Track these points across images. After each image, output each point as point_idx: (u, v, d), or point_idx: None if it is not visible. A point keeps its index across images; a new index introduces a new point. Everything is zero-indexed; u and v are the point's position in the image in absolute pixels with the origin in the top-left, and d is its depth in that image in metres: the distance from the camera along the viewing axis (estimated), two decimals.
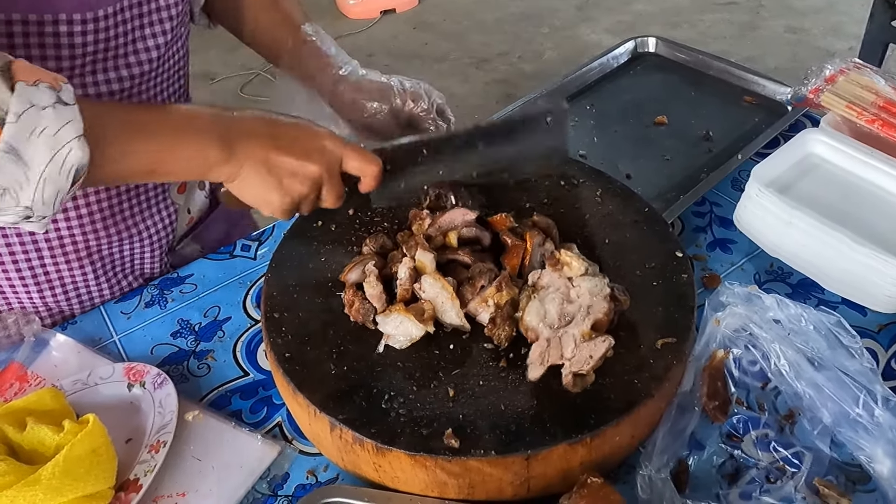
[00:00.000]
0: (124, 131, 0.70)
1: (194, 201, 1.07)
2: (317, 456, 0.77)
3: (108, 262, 0.98)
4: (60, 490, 0.67)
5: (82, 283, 0.97)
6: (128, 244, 0.98)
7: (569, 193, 0.92)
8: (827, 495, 0.71)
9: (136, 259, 1.01)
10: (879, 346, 0.84)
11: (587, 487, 0.64)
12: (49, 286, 0.94)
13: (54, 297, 0.96)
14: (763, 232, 0.92)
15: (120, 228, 0.95)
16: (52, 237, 0.91)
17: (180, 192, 1.02)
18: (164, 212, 1.00)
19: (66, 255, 0.93)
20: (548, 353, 0.70)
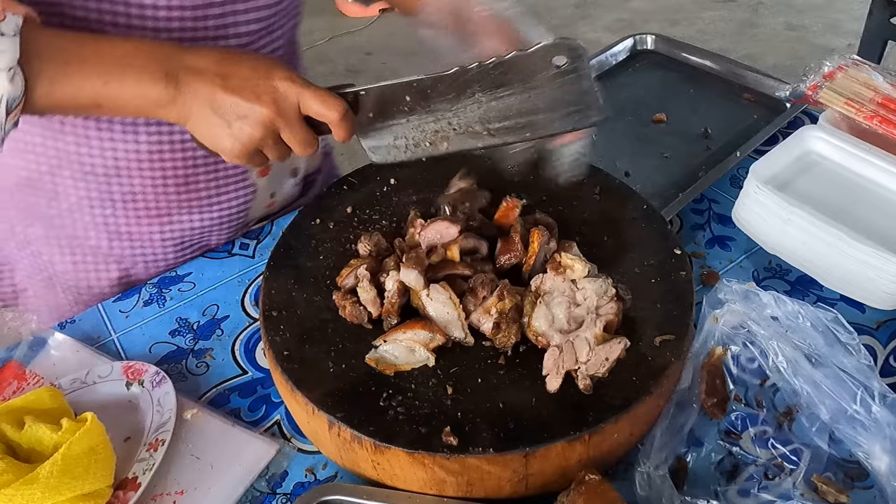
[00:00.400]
0: (65, 64, 0.69)
1: (280, 186, 1.06)
2: (315, 454, 0.77)
3: (177, 229, 0.99)
4: (59, 488, 0.67)
5: (148, 243, 0.98)
6: (198, 215, 0.98)
7: (567, 191, 0.92)
8: (825, 492, 0.71)
9: (205, 232, 1.01)
10: (878, 342, 0.84)
11: (585, 484, 0.64)
12: (118, 238, 0.96)
13: (121, 249, 0.98)
14: (761, 229, 0.92)
15: (192, 197, 0.96)
16: (125, 192, 0.93)
17: (261, 175, 1.01)
18: (240, 191, 0.99)
19: (136, 210, 0.95)
20: (562, 359, 0.70)
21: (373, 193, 0.94)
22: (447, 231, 0.79)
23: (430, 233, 0.80)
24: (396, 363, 0.73)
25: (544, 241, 0.80)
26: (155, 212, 0.96)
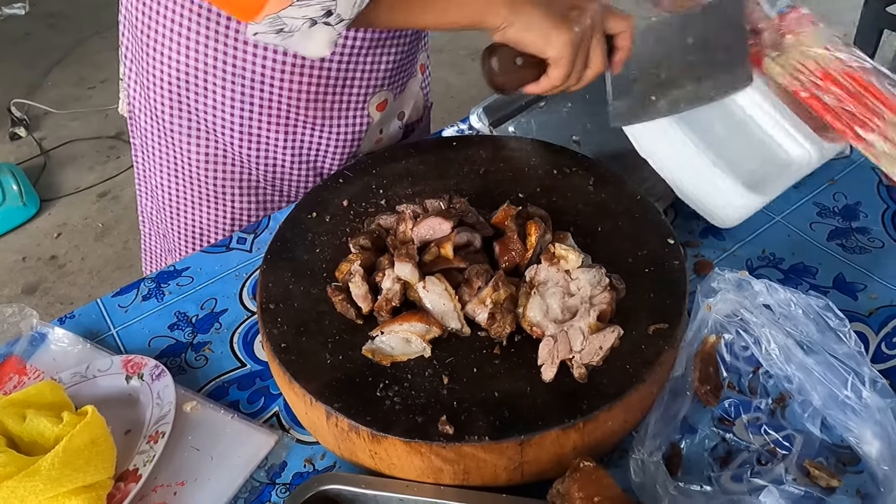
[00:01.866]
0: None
1: (389, 126, 1.14)
2: (314, 444, 0.78)
3: (298, 141, 1.06)
4: (60, 480, 0.68)
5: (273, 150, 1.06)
6: (318, 131, 1.05)
7: (561, 183, 0.93)
8: (817, 476, 0.72)
9: (321, 150, 1.08)
10: (870, 329, 0.85)
11: (580, 471, 0.65)
12: (248, 139, 1.04)
13: (248, 150, 1.05)
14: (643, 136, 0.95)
15: (317, 114, 1.03)
16: (264, 98, 1.00)
17: (378, 109, 1.08)
18: (357, 119, 1.06)
19: (269, 117, 1.02)
20: (556, 349, 0.71)
21: (368, 186, 0.95)
22: (440, 227, 0.80)
23: (423, 229, 0.81)
24: (393, 354, 0.74)
25: (541, 233, 0.81)
26: (284, 121, 1.03)
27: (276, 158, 1.07)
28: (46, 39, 4.01)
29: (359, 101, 1.05)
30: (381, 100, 1.07)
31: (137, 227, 1.29)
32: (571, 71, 0.78)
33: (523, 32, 0.76)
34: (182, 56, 0.97)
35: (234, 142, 1.05)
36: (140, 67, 1.04)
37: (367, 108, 1.06)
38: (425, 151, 1.00)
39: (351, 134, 1.07)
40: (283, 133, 1.04)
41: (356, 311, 0.77)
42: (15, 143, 3.28)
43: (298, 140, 1.06)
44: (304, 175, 1.11)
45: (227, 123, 1.03)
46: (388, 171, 0.97)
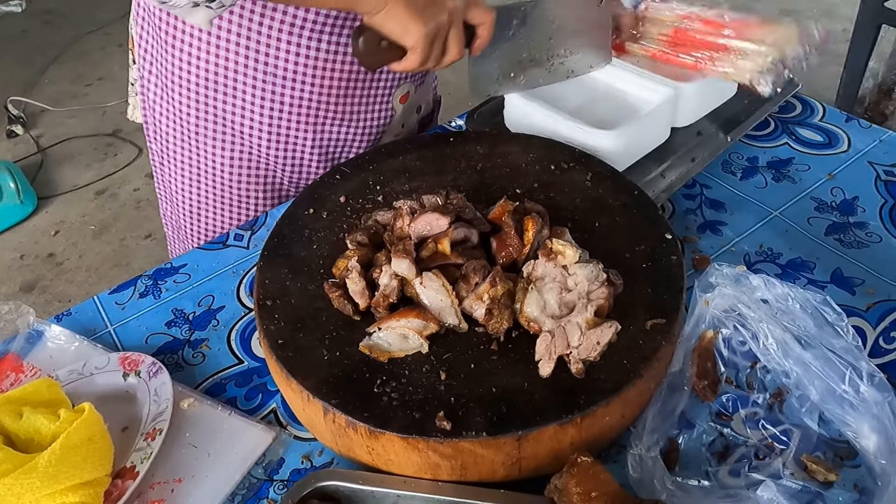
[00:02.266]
0: None
1: (409, 119, 1.17)
2: (311, 441, 0.78)
3: (325, 138, 1.08)
4: (57, 477, 0.68)
5: (300, 149, 1.07)
6: (345, 126, 1.07)
7: (559, 178, 0.93)
8: (815, 471, 0.72)
9: (346, 143, 1.10)
10: (867, 324, 0.85)
11: (577, 466, 0.65)
12: (276, 140, 1.06)
13: (276, 151, 1.07)
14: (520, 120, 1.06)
15: (345, 109, 1.06)
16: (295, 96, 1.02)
17: (401, 102, 1.11)
18: (381, 111, 1.09)
19: (298, 116, 1.04)
20: (553, 344, 0.71)
21: (365, 182, 0.95)
22: (437, 223, 0.80)
23: (420, 225, 0.80)
24: (390, 350, 0.73)
25: (538, 228, 0.80)
26: (313, 119, 1.05)
27: (301, 157, 1.08)
28: (43, 37, 4.00)
29: (384, 94, 1.08)
30: (404, 92, 1.10)
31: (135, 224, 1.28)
32: (428, 57, 0.87)
33: (386, 20, 0.84)
34: (212, 56, 0.98)
35: (262, 143, 1.06)
36: (162, 70, 1.03)
37: (391, 101, 1.09)
38: (422, 147, 1.00)
39: (375, 127, 1.10)
40: (311, 132, 1.06)
41: (353, 307, 0.77)
42: (12, 140, 3.28)
43: (325, 137, 1.07)
44: (324, 168, 1.12)
45: (255, 125, 1.04)
46: (385, 168, 0.97)
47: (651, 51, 1.07)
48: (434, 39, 0.86)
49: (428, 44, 0.86)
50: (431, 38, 0.85)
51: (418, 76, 1.11)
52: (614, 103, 1.07)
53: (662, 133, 1.03)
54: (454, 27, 0.87)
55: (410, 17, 0.83)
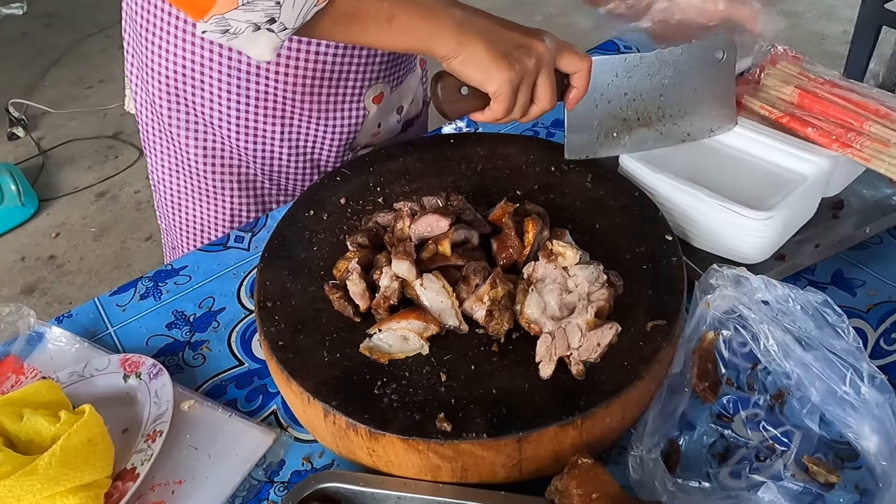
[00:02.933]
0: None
1: (386, 120, 1.13)
2: (312, 443, 0.78)
3: (294, 133, 1.06)
4: (57, 479, 0.68)
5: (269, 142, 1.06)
6: (314, 123, 1.06)
7: (559, 180, 0.93)
8: (816, 472, 0.72)
9: (317, 142, 1.08)
10: (868, 325, 0.84)
11: (577, 468, 0.65)
12: (245, 131, 1.05)
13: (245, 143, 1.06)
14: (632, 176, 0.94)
15: (313, 107, 1.04)
16: (260, 90, 1.01)
17: (375, 102, 1.08)
18: (352, 111, 1.07)
19: (265, 109, 1.03)
20: (554, 346, 0.71)
21: (366, 184, 0.95)
22: (437, 224, 0.80)
23: (421, 226, 0.80)
24: (390, 352, 0.73)
25: (538, 230, 0.80)
26: (280, 113, 1.04)
27: (272, 151, 1.08)
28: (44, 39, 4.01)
29: (354, 94, 1.05)
30: (377, 92, 1.07)
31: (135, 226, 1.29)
32: (513, 106, 0.80)
33: (465, 65, 0.78)
34: (179, 49, 0.98)
35: (231, 135, 1.05)
36: (140, 62, 1.04)
37: (363, 101, 1.07)
38: (423, 149, 1.00)
39: (347, 126, 1.08)
40: (279, 125, 1.05)
41: (354, 308, 0.77)
42: (13, 143, 3.28)
43: (294, 132, 1.06)
44: (302, 169, 1.11)
45: (223, 116, 1.04)
46: (386, 169, 0.97)
47: (773, 112, 0.94)
48: (520, 86, 0.79)
49: (512, 91, 0.78)
50: (516, 85, 0.78)
51: (395, 75, 1.09)
52: (758, 177, 0.91)
53: (812, 208, 0.90)
54: (543, 74, 0.80)
55: (492, 61, 0.76)
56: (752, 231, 0.83)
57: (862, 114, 0.90)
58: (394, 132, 1.16)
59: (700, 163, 0.94)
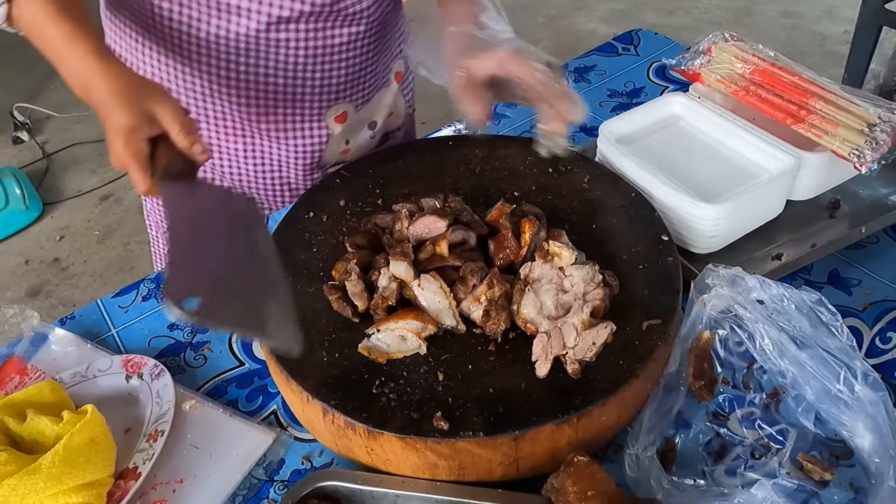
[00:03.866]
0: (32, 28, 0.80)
1: (356, 136, 1.12)
2: (311, 442, 0.79)
3: (258, 152, 1.07)
4: (60, 478, 0.69)
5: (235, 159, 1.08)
6: (276, 143, 1.06)
7: (556, 181, 0.94)
8: (811, 470, 0.72)
9: (283, 161, 1.09)
10: (864, 324, 0.85)
11: (573, 466, 0.65)
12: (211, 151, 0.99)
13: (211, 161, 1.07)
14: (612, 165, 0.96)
15: (271, 127, 1.05)
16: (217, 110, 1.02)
17: (338, 122, 1.08)
18: (315, 131, 1.07)
19: (226, 129, 1.04)
20: (550, 345, 0.71)
21: (365, 186, 0.96)
22: (435, 225, 0.81)
23: (419, 227, 0.81)
24: (389, 351, 0.74)
25: (535, 230, 0.81)
26: (241, 132, 1.05)
27: (240, 169, 1.09)
28: None
29: (313, 115, 1.05)
30: (339, 112, 1.07)
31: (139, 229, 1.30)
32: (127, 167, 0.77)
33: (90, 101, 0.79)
34: (141, 63, 1.01)
35: None
36: None
37: (324, 121, 1.06)
38: (422, 151, 1.01)
39: (311, 146, 1.08)
40: (241, 144, 1.06)
41: (352, 309, 0.78)
42: (17, 147, 3.30)
43: (259, 151, 1.07)
44: (272, 186, 1.12)
45: None
46: (385, 171, 0.98)
47: (732, 88, 0.97)
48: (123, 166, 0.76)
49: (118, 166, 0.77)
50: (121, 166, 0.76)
51: (358, 94, 1.07)
52: (724, 167, 0.93)
53: (775, 207, 0.91)
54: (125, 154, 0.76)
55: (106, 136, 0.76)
56: (702, 220, 0.85)
57: (809, 90, 0.93)
58: (367, 147, 1.15)
59: (679, 150, 0.97)
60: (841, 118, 0.89)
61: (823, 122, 0.89)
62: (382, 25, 1.03)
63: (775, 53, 1.01)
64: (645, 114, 1.02)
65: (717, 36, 1.04)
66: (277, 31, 0.93)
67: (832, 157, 0.88)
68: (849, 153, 0.85)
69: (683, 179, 0.89)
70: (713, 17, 3.66)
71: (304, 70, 0.99)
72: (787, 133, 0.92)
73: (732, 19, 3.64)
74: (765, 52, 1.01)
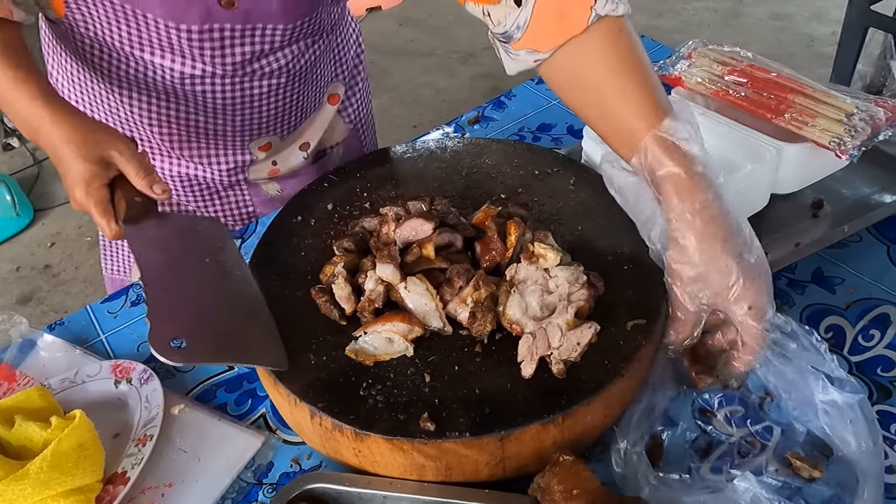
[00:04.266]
0: None
1: (285, 157, 1.12)
2: (300, 445, 0.79)
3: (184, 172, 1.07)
4: (49, 483, 0.69)
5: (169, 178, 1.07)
6: (200, 167, 1.07)
7: (542, 183, 0.94)
8: (799, 467, 0.73)
9: (214, 182, 1.09)
10: (847, 322, 0.86)
11: (559, 465, 0.66)
12: None
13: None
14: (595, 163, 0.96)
15: (192, 154, 1.05)
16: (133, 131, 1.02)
17: (261, 150, 1.08)
18: (240, 157, 1.07)
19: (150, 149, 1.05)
20: (535, 346, 0.72)
21: (353, 190, 0.96)
22: (421, 228, 0.81)
23: (405, 230, 0.82)
24: (376, 353, 0.75)
25: (521, 232, 0.82)
26: (167, 154, 1.05)
27: (176, 189, 1.09)
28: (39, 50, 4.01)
29: (236, 146, 1.06)
30: (263, 143, 1.07)
31: None
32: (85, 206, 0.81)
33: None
34: (66, 90, 1.03)
35: None
36: None
37: (248, 149, 1.07)
38: (409, 154, 1.01)
39: (234, 169, 1.08)
40: (167, 163, 1.06)
41: (339, 312, 0.78)
42: (8, 153, 3.29)
43: (184, 172, 1.07)
44: (202, 195, 1.11)
45: None
46: (373, 175, 0.98)
47: (713, 89, 0.99)
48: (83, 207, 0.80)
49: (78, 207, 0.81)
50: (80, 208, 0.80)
51: (280, 128, 1.07)
52: None
53: (759, 200, 0.92)
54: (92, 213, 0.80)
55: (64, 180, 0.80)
56: None
57: (787, 86, 0.95)
58: (301, 166, 1.15)
59: None
60: (820, 110, 0.90)
61: (803, 115, 0.91)
62: (311, 66, 1.02)
63: (753, 55, 1.02)
64: None
65: (697, 43, 1.06)
66: (193, 85, 0.94)
67: (813, 148, 0.90)
68: (829, 142, 0.87)
69: None
70: (702, 20, 3.68)
71: (225, 114, 1.00)
72: (768, 128, 0.94)
73: (721, 21, 3.66)
74: (743, 54, 1.03)
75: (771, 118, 0.93)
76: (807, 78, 0.97)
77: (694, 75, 1.02)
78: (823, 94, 0.92)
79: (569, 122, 1.23)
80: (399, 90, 3.42)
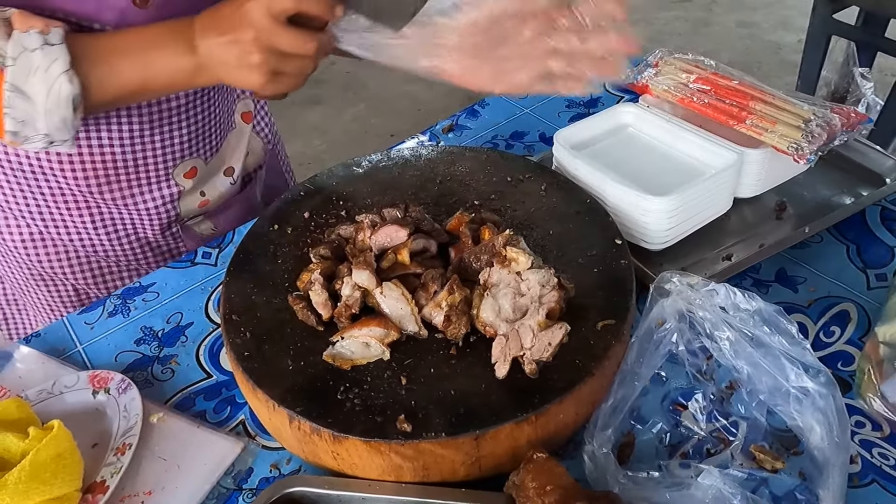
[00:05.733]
0: (106, 56, 0.79)
1: (212, 185, 1.10)
2: (279, 450, 0.80)
3: (107, 219, 1.04)
4: (27, 493, 0.69)
5: (82, 229, 1.04)
6: (124, 209, 1.03)
7: (515, 189, 0.97)
8: (762, 460, 0.75)
9: (135, 223, 1.06)
10: (809, 319, 0.89)
11: (533, 463, 0.68)
12: (53, 223, 1.02)
13: (56, 233, 1.03)
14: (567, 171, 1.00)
15: (116, 196, 1.01)
16: (52, 186, 0.98)
17: (187, 177, 1.05)
18: (164, 191, 1.04)
19: (66, 202, 1.00)
20: (508, 347, 0.74)
21: (329, 199, 0.98)
22: (396, 234, 0.83)
23: (380, 237, 0.83)
24: (353, 358, 0.76)
25: (494, 236, 0.84)
26: (84, 204, 1.01)
27: (91, 240, 1.05)
28: None
29: (160, 176, 1.02)
30: (187, 168, 1.04)
31: None
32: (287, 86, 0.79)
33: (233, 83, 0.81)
34: None
35: (46, 227, 1.02)
36: None
37: (172, 179, 1.04)
38: (384, 163, 1.03)
39: (162, 206, 1.05)
40: (87, 215, 1.02)
41: (317, 318, 0.79)
42: None
43: (108, 219, 1.04)
44: (131, 250, 1.08)
45: (28, 211, 1.00)
46: (348, 183, 1.00)
47: (678, 97, 1.03)
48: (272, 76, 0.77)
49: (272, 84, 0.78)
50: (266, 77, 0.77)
51: (204, 148, 1.05)
52: (672, 167, 1.00)
53: (723, 203, 0.96)
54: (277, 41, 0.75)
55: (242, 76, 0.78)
56: (652, 214, 0.90)
57: (748, 93, 0.98)
58: (230, 193, 1.13)
59: (629, 153, 1.03)
60: (779, 116, 0.94)
61: (763, 121, 0.94)
62: None
63: (717, 63, 1.06)
64: (597, 122, 1.06)
65: (664, 52, 1.10)
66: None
67: (773, 152, 0.94)
68: (787, 147, 0.90)
69: (634, 178, 0.93)
70: (673, 29, 3.75)
71: (143, 136, 0.97)
72: (731, 134, 0.97)
73: (691, 30, 3.74)
74: (708, 62, 1.06)
75: (733, 124, 0.96)
76: (766, 85, 1.00)
77: (661, 83, 1.06)
78: (782, 100, 0.96)
79: (541, 130, 1.26)
80: (375, 100, 3.44)
